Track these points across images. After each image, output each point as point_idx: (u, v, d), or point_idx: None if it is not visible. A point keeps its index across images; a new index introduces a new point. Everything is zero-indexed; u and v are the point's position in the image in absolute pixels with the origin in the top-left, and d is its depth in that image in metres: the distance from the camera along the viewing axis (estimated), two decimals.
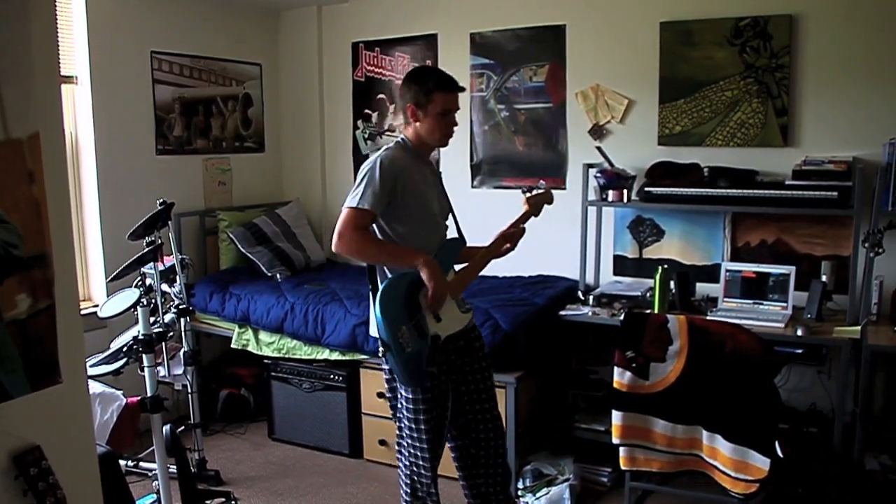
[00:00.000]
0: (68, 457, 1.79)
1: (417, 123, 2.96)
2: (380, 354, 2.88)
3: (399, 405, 3.02)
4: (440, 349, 2.89)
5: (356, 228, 2.79)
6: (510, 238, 3.15)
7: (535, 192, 3.29)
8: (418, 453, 2.98)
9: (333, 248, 2.83)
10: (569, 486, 3.89)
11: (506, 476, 3.22)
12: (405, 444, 3.02)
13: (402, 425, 3.02)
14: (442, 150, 5.34)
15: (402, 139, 3.02)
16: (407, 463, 3.04)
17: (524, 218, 3.23)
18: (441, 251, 2.98)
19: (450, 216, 3.16)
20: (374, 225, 2.91)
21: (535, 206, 3.26)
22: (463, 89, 3.01)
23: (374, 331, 2.91)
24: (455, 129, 3.05)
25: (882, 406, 4.02)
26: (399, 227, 2.91)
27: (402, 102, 2.99)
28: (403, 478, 3.08)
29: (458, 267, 3.13)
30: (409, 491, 3.06)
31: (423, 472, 2.99)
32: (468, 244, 3.17)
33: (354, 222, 2.79)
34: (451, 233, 3.18)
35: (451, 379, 3.00)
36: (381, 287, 2.86)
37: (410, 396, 2.92)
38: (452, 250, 3.06)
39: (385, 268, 2.95)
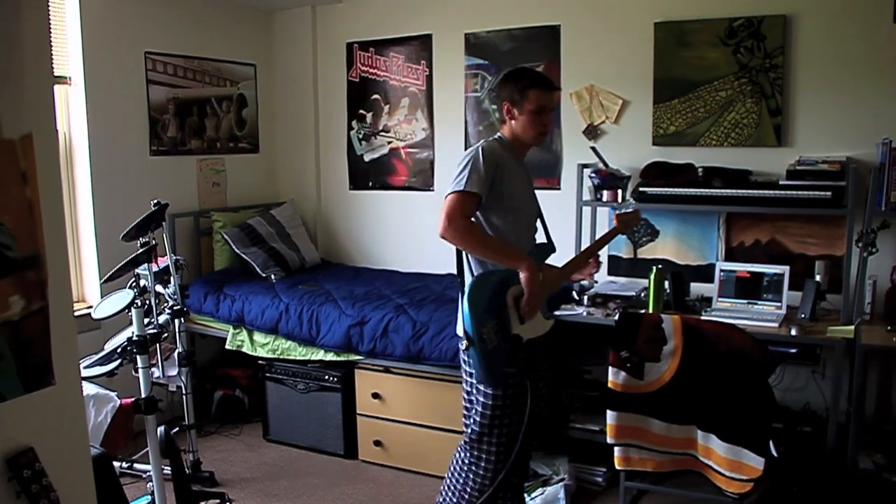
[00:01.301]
0: (62, 458, 1.78)
1: (513, 121, 2.98)
2: (462, 349, 2.82)
3: (473, 409, 2.99)
4: (521, 351, 2.87)
5: (465, 215, 2.76)
6: (593, 265, 3.23)
7: (625, 210, 3.36)
8: (484, 456, 2.96)
9: (441, 233, 2.78)
10: (564, 486, 3.90)
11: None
12: (474, 447, 2.99)
13: (473, 427, 2.98)
14: (437, 150, 5.37)
15: (499, 136, 3.04)
16: (464, 469, 3.02)
17: (611, 235, 3.36)
18: (533, 255, 2.96)
19: (538, 220, 3.16)
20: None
21: (623, 225, 3.35)
22: (558, 89, 3.01)
23: (459, 329, 2.88)
24: (548, 127, 3.07)
25: (876, 405, 4.02)
26: (495, 219, 2.91)
27: (499, 101, 3.03)
28: (456, 483, 3.04)
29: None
30: (476, 494, 3.01)
31: (489, 475, 2.97)
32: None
33: (463, 208, 2.76)
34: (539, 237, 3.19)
35: (531, 384, 2.93)
36: (469, 282, 2.84)
37: (488, 401, 2.91)
38: (541, 256, 3.05)
39: (474, 262, 2.94)
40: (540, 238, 3.17)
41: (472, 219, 2.86)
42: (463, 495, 3.05)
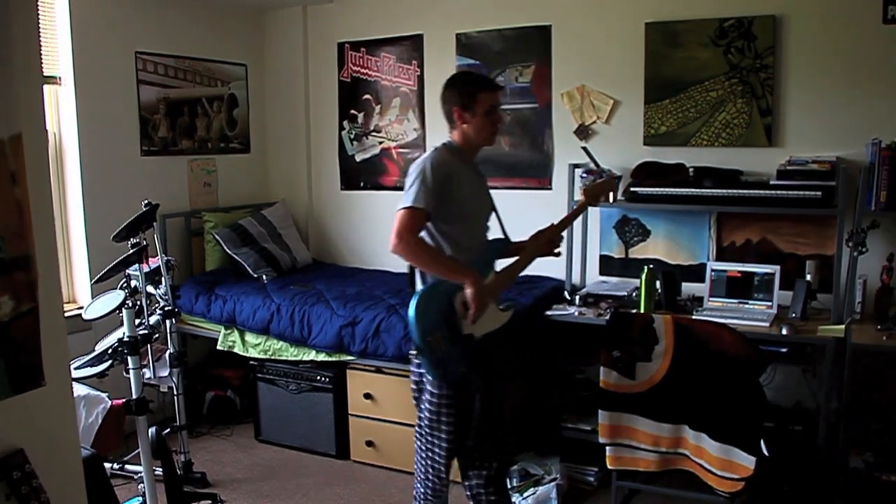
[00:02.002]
0: (52, 460, 1.78)
1: (465, 125, 3.01)
2: (411, 355, 2.96)
3: (423, 396, 3.05)
4: (475, 347, 2.94)
5: (413, 232, 2.83)
6: (553, 242, 3.22)
7: (595, 181, 3.34)
8: (435, 444, 3.02)
9: (391, 249, 2.84)
10: (556, 486, 3.90)
11: (493, 475, 3.15)
12: (424, 432, 3.06)
13: (423, 415, 3.05)
14: (429, 150, 5.35)
15: (447, 143, 3.08)
16: (423, 450, 3.08)
17: (577, 211, 3.36)
18: (482, 254, 3.04)
19: (493, 216, 3.20)
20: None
21: (592, 197, 3.35)
22: (502, 88, 3.06)
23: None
24: (500, 126, 3.13)
25: (866, 404, 4.04)
26: (445, 226, 2.95)
27: (447, 107, 3.04)
28: (419, 467, 3.12)
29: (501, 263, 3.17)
30: (423, 478, 3.10)
31: (438, 463, 3.04)
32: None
33: (411, 224, 2.83)
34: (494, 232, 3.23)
35: (481, 375, 3.03)
36: (416, 294, 2.89)
37: (436, 391, 2.97)
38: (493, 253, 3.12)
39: (423, 273, 2.99)
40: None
41: (425, 229, 2.93)
42: (426, 483, 3.10)
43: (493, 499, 3.13)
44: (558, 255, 3.28)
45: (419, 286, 2.97)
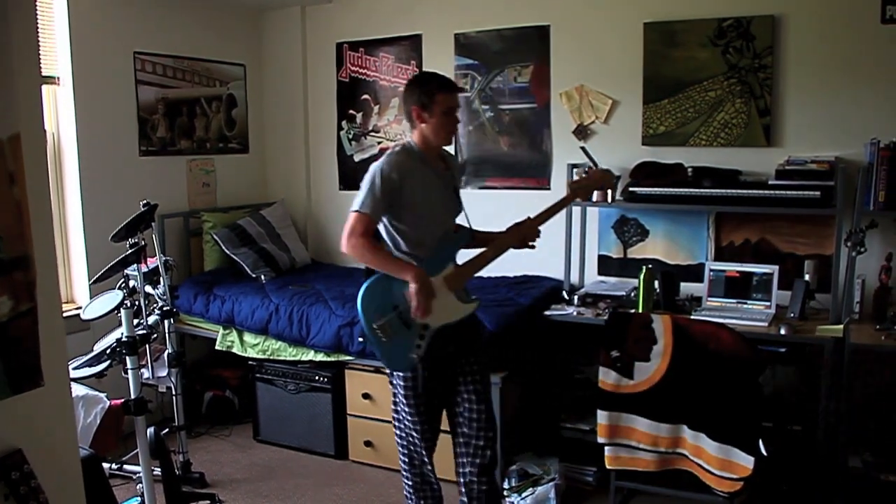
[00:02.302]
0: (51, 460, 1.78)
1: (423, 125, 3.08)
2: (359, 340, 3.06)
3: (394, 384, 3.16)
4: (433, 337, 3.03)
5: (360, 234, 2.97)
6: (527, 235, 3.31)
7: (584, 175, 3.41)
8: (412, 429, 3.16)
9: (342, 248, 3.02)
10: (554, 486, 3.90)
11: (487, 464, 3.25)
12: (400, 418, 3.20)
13: (397, 402, 3.18)
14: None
15: (407, 143, 3.16)
16: (402, 435, 3.22)
17: (562, 203, 3.38)
18: (439, 246, 3.11)
19: (460, 212, 3.27)
20: (381, 226, 3.09)
21: (583, 192, 3.41)
22: (462, 90, 3.11)
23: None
24: (457, 127, 3.18)
25: (864, 404, 4.04)
26: (401, 225, 3.06)
27: (407, 106, 3.11)
28: (400, 450, 3.27)
29: (473, 253, 3.24)
30: (406, 461, 3.25)
31: (416, 445, 3.19)
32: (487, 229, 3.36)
33: (358, 227, 2.98)
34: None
35: (448, 365, 3.15)
36: (366, 282, 3.04)
37: (403, 382, 3.09)
38: (452, 246, 3.19)
39: None
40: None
41: (380, 228, 3.10)
42: (411, 472, 3.28)
43: (485, 489, 3.22)
44: (533, 247, 3.35)
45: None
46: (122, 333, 3.54)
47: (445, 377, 3.16)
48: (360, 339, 3.08)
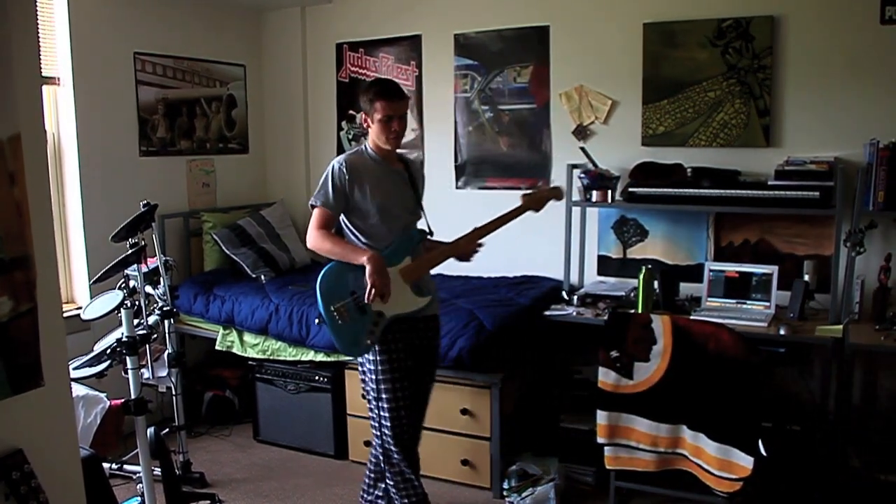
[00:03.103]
0: (51, 460, 1.78)
1: (369, 129, 3.29)
2: (315, 321, 3.28)
3: (366, 378, 3.30)
4: (393, 327, 3.18)
5: (316, 227, 3.22)
6: (469, 242, 3.36)
7: (536, 189, 3.51)
8: (395, 408, 3.23)
9: (307, 244, 3.26)
10: (554, 486, 3.90)
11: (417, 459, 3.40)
12: (375, 415, 3.30)
13: (370, 393, 3.30)
14: (427, 151, 5.37)
15: (364, 145, 3.36)
16: (377, 433, 3.32)
17: (513, 214, 3.40)
18: (396, 240, 3.26)
19: (420, 213, 3.42)
20: (342, 218, 3.29)
21: (534, 202, 3.43)
22: (404, 98, 3.28)
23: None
24: (398, 132, 3.27)
25: (864, 404, 4.04)
26: (358, 221, 3.26)
27: (361, 112, 3.32)
28: (375, 441, 3.34)
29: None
30: (384, 459, 3.32)
31: (388, 437, 3.26)
32: (441, 239, 3.42)
33: (317, 221, 3.22)
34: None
35: (411, 355, 3.27)
36: (326, 267, 3.21)
37: (372, 367, 3.23)
38: (409, 239, 3.30)
39: None
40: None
41: (342, 222, 3.30)
42: (375, 470, 3.40)
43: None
44: (470, 258, 3.41)
45: None
46: (122, 333, 3.54)
47: (417, 366, 3.29)
48: (317, 321, 3.21)
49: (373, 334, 3.15)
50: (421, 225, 3.40)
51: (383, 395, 3.21)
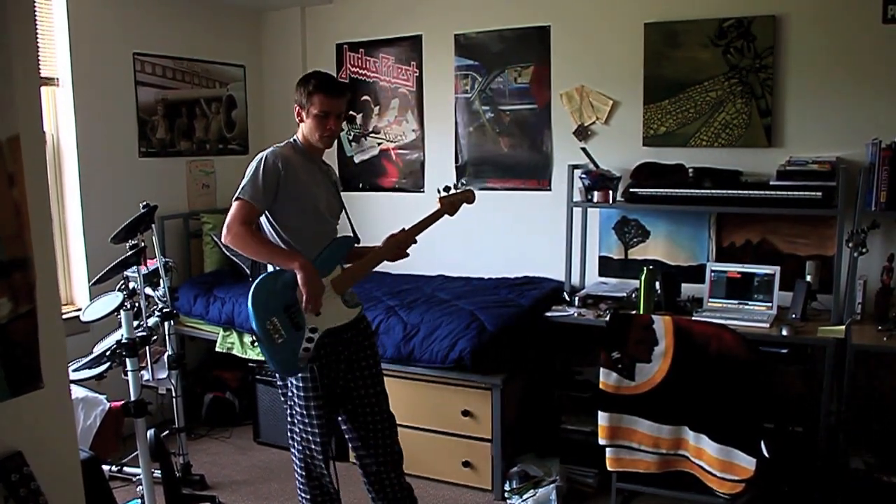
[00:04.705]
0: (50, 462, 1.77)
1: (302, 124, 3.10)
2: (251, 344, 2.98)
3: (290, 393, 3.12)
4: (322, 341, 3.00)
5: (242, 223, 2.93)
6: (401, 245, 3.22)
7: (451, 191, 3.32)
8: (310, 437, 3.10)
9: (223, 239, 2.98)
10: (555, 488, 3.90)
11: (396, 458, 3.33)
12: (297, 430, 3.14)
13: (294, 412, 3.13)
14: (427, 151, 5.36)
15: (293, 139, 3.16)
16: (300, 447, 3.15)
17: (432, 218, 3.28)
18: (326, 249, 3.08)
19: (342, 215, 3.27)
20: (263, 219, 3.04)
21: (450, 206, 3.30)
22: (344, 94, 3.11)
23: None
24: (333, 131, 3.10)
25: (866, 405, 4.03)
26: (285, 219, 3.03)
27: (294, 104, 3.10)
28: (297, 461, 3.19)
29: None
30: (304, 473, 3.17)
31: (315, 454, 3.12)
32: (370, 243, 3.28)
33: (241, 216, 2.94)
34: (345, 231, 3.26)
35: (341, 368, 3.12)
36: (255, 281, 2.99)
37: (301, 384, 3.04)
38: (339, 248, 3.14)
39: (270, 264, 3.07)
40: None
41: (263, 221, 3.05)
42: (301, 482, 3.20)
43: (398, 483, 3.33)
44: (407, 255, 3.26)
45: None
46: (121, 335, 3.54)
47: (339, 377, 3.13)
48: (252, 341, 2.96)
49: (307, 351, 2.96)
50: (346, 231, 3.24)
51: (313, 412, 3.05)
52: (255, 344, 2.93)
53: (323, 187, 3.15)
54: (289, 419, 3.17)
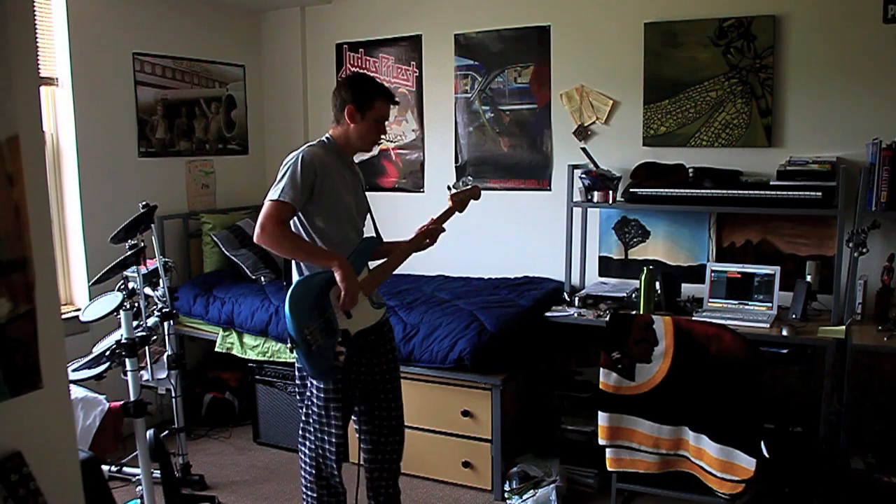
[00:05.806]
0: (50, 463, 1.76)
1: (352, 125, 3.07)
2: (288, 349, 2.98)
3: (308, 394, 3.12)
4: (350, 343, 2.97)
5: (277, 222, 2.89)
6: (430, 235, 3.23)
7: (461, 188, 3.32)
8: (325, 438, 3.10)
9: (255, 240, 2.93)
10: (555, 488, 3.89)
11: (395, 470, 3.37)
12: (311, 430, 3.14)
13: (311, 412, 3.12)
14: (427, 151, 5.36)
15: (326, 138, 3.16)
16: (312, 447, 3.15)
17: (447, 214, 3.29)
18: (356, 250, 3.07)
19: (368, 216, 3.25)
20: (294, 219, 3.01)
21: (459, 203, 3.31)
22: (398, 103, 3.10)
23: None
24: (383, 137, 3.19)
25: (867, 406, 4.03)
26: (318, 221, 3.01)
27: (341, 102, 3.07)
28: (307, 461, 3.19)
29: (374, 263, 3.21)
30: (314, 473, 3.17)
31: (328, 455, 3.13)
32: (392, 239, 3.28)
33: (276, 216, 2.90)
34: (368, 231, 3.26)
35: (361, 371, 3.12)
36: (292, 286, 2.94)
37: (322, 387, 3.04)
38: (367, 249, 3.14)
39: (302, 265, 3.04)
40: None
41: (292, 223, 3.01)
42: (318, 485, 3.20)
43: (392, 492, 3.37)
44: (430, 244, 3.26)
45: (295, 279, 3.02)
46: (121, 335, 3.53)
47: (359, 380, 3.13)
48: (290, 348, 2.89)
49: (341, 355, 2.91)
50: (370, 231, 3.24)
51: (332, 414, 3.05)
52: (293, 350, 2.89)
53: (352, 191, 3.13)
54: (303, 418, 3.17)
